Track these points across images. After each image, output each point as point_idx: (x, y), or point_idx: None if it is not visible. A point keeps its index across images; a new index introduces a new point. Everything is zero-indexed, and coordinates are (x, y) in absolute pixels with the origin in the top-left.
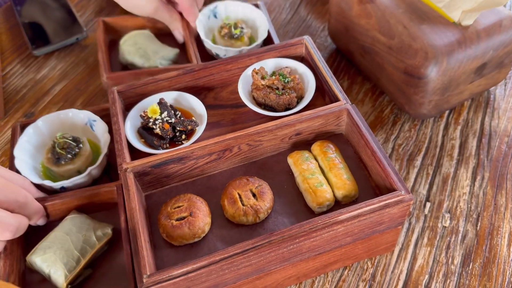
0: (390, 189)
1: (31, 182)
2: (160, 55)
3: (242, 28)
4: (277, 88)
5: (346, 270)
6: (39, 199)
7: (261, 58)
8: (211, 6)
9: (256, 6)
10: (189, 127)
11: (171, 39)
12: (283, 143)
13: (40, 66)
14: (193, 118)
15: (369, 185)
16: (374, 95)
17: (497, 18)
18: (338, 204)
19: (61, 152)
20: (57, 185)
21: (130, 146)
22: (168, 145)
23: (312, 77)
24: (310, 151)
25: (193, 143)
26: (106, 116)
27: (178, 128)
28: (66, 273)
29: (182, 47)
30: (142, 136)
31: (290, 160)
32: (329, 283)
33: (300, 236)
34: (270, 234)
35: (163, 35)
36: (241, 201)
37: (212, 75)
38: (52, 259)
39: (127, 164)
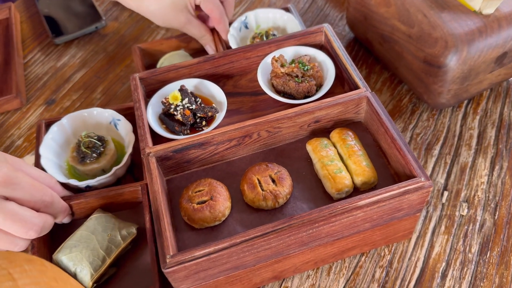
0: (410, 176)
1: (57, 181)
2: None
3: (274, 35)
4: (297, 76)
5: (363, 257)
6: (64, 198)
7: (281, 46)
8: (242, 18)
9: (287, 9)
10: (210, 114)
11: (203, 55)
12: (302, 131)
13: (60, 54)
14: (213, 105)
15: (388, 172)
16: (393, 84)
17: None
18: (356, 191)
19: (86, 151)
20: (82, 184)
21: (152, 132)
22: (189, 131)
23: (331, 65)
24: (328, 138)
25: (213, 129)
26: (130, 115)
27: (198, 115)
28: (92, 272)
29: None
30: (163, 122)
31: (309, 147)
32: (346, 268)
33: (319, 220)
34: (290, 218)
35: (198, 53)
36: (261, 186)
37: (231, 63)
38: (78, 258)
39: (150, 149)
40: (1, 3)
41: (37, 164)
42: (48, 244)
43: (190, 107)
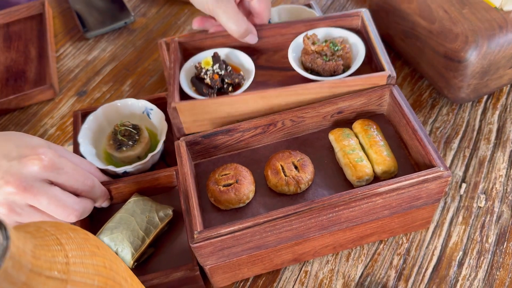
0: (429, 166)
1: (97, 167)
2: None
3: None
4: (325, 55)
5: (382, 244)
6: (104, 183)
7: (315, 26)
8: None
9: (309, 6)
10: (236, 81)
11: None
12: (325, 121)
13: (91, 48)
14: (241, 72)
15: (409, 163)
16: (413, 79)
17: None
18: (377, 180)
19: (123, 139)
20: (120, 170)
21: (182, 95)
22: (215, 94)
23: (362, 48)
24: (351, 129)
25: (241, 93)
26: (161, 104)
27: (226, 81)
28: (133, 251)
29: None
30: (193, 84)
31: (331, 136)
32: (365, 255)
33: (339, 205)
34: (311, 201)
35: None
36: (284, 172)
37: (267, 37)
38: (119, 238)
39: (176, 104)
40: None
41: (76, 152)
42: (88, 227)
43: (220, 73)
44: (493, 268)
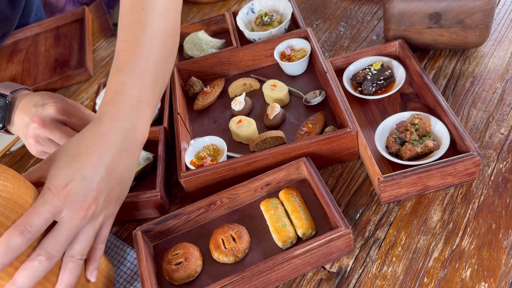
0: (336, 225)
1: None
2: (211, 46)
3: (272, 15)
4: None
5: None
6: None
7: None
8: (249, 4)
9: None
10: None
11: (220, 36)
12: (257, 193)
13: None
14: None
15: (325, 221)
16: None
17: None
18: (300, 240)
19: None
20: None
21: None
22: None
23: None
24: (278, 197)
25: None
26: None
27: None
28: None
29: (228, 38)
30: None
31: (262, 207)
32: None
33: (265, 270)
34: (242, 271)
35: (216, 34)
36: (224, 245)
37: None
38: None
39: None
40: (79, 6)
41: (94, 110)
42: None
43: None
44: None
